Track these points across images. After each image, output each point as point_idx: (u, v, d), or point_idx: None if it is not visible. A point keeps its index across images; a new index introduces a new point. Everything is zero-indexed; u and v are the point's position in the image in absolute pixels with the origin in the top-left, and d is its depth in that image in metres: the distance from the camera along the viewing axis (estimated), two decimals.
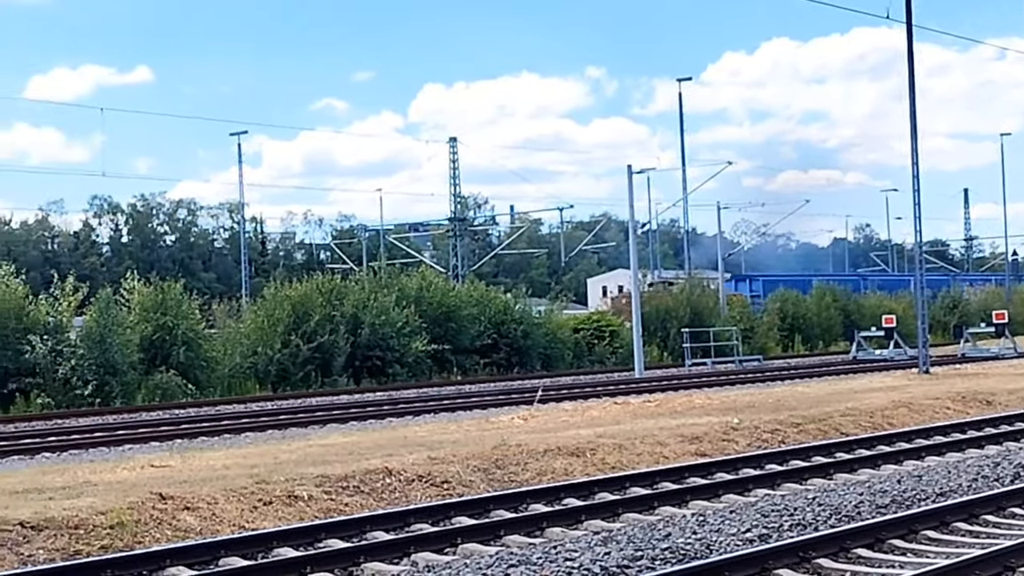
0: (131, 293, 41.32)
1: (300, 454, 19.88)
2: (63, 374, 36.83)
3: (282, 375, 42.83)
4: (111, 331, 37.78)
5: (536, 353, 51.56)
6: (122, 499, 15.05)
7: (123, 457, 22.02)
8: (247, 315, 46.00)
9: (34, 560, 12.93)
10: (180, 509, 14.95)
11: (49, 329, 37.80)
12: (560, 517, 14.59)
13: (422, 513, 14.78)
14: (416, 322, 46.15)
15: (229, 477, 17.00)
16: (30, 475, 18.44)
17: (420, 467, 17.95)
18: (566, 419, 25.30)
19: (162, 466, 18.85)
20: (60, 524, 13.89)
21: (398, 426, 27.23)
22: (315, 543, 13.40)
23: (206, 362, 41.04)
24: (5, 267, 40.12)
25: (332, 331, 43.57)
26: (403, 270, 58.31)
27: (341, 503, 16.05)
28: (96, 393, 36.87)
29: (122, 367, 37.73)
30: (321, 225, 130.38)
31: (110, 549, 13.33)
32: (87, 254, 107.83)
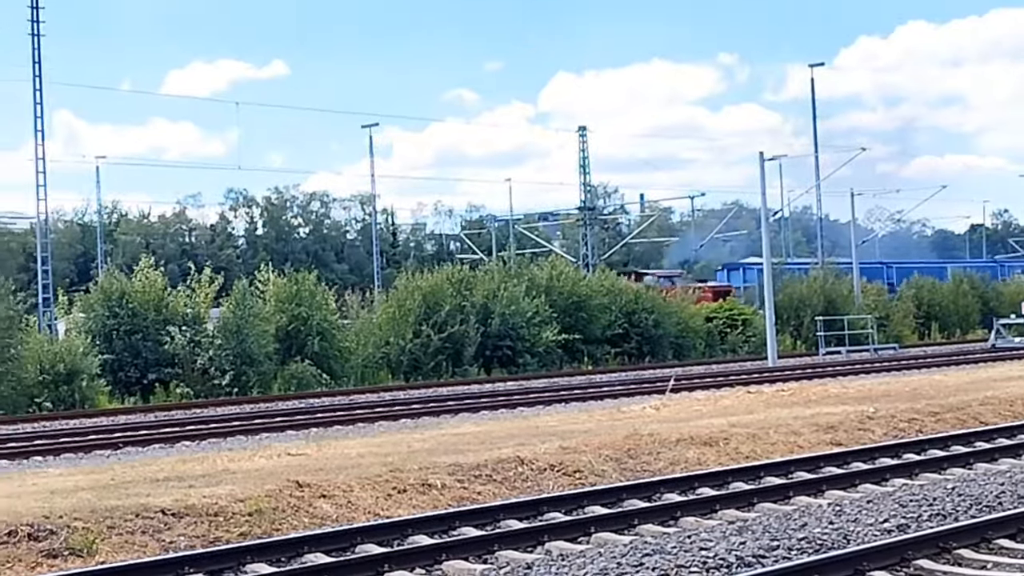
0: (266, 284, 41.98)
1: (433, 443, 20.00)
2: (201, 364, 37.52)
3: (414, 365, 43.14)
4: (247, 322, 38.39)
5: (667, 342, 51.29)
6: (260, 487, 15.28)
7: (260, 445, 22.36)
8: (379, 306, 46.41)
9: (175, 547, 13.17)
10: (316, 497, 15.13)
11: (187, 320, 38.57)
12: (694, 506, 14.51)
13: (555, 502, 14.79)
14: (546, 312, 46.17)
15: (364, 465, 17.17)
16: (171, 463, 18.81)
17: (552, 456, 17.95)
18: (698, 408, 25.13)
19: (298, 454, 19.10)
20: (200, 511, 14.15)
21: (529, 415, 27.30)
22: (449, 531, 13.48)
23: (340, 352, 41.48)
24: (145, 260, 41.03)
25: (462, 321, 43.76)
26: (533, 260, 58.42)
27: (474, 491, 16.12)
28: (233, 383, 37.51)
29: (258, 357, 38.33)
30: (451, 216, 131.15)
31: (249, 536, 13.54)
32: (223, 246, 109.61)
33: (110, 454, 22.86)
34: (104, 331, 37.72)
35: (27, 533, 12.94)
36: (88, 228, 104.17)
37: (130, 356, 37.76)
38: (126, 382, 37.71)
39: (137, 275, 39.58)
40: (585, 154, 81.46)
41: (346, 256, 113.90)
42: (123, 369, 37.62)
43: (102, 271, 51.09)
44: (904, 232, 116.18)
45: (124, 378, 37.65)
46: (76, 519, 13.41)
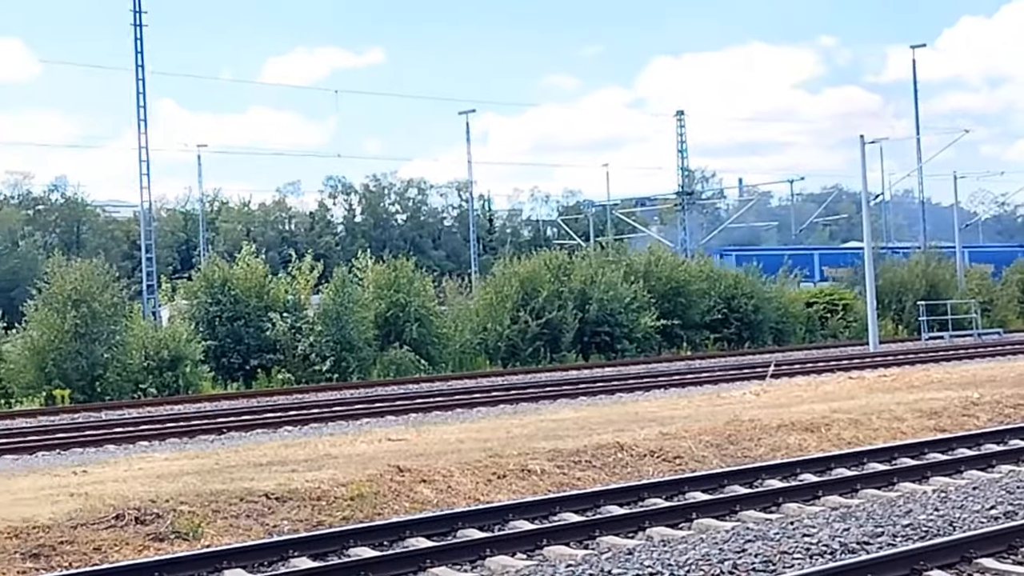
0: (365, 271, 42.28)
1: (532, 428, 20.03)
2: (302, 350, 37.89)
3: (511, 351, 43.21)
4: (347, 308, 38.68)
5: (767, 328, 50.89)
6: (361, 471, 15.40)
7: (361, 431, 22.53)
8: (477, 292, 46.54)
9: (279, 530, 13.32)
10: (417, 482, 15.22)
11: (288, 307, 38.96)
12: (796, 493, 14.38)
13: (656, 488, 14.74)
14: (644, 297, 46.01)
15: (463, 451, 17.24)
16: (273, 448, 19.02)
17: (651, 442, 17.91)
18: (799, 394, 24.93)
19: (398, 439, 19.23)
20: (303, 495, 14.30)
21: (628, 401, 27.24)
22: (550, 516, 13.49)
23: (438, 338, 41.65)
24: (246, 247, 41.52)
25: (560, 307, 43.74)
26: (630, 245, 58.23)
27: (573, 477, 16.12)
28: (333, 369, 37.83)
29: (358, 343, 38.62)
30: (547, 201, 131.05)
31: (351, 520, 13.65)
32: (322, 234, 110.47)
33: (214, 439, 23.16)
34: (207, 318, 38.22)
35: (134, 517, 13.15)
36: (190, 216, 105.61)
37: (232, 342, 38.23)
38: (229, 368, 38.21)
39: (239, 262, 40.07)
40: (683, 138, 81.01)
41: (443, 243, 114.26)
42: (226, 355, 38.11)
43: (204, 259, 51.75)
44: (1008, 215, 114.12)
45: (227, 364, 38.14)
46: (182, 503, 13.61)
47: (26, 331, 34.79)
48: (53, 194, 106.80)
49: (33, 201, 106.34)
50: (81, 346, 33.47)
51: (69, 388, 33.05)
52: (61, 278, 34.47)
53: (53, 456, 21.30)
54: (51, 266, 36.01)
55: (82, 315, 33.57)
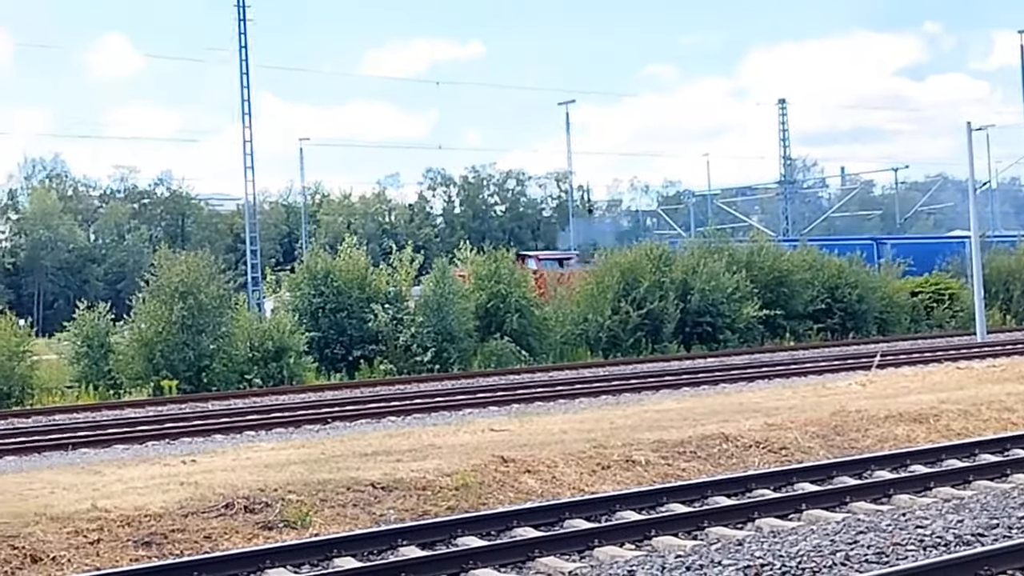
0: (465, 263, 42.41)
1: (635, 419, 19.95)
2: (404, 341, 38.06)
3: (613, 342, 43.06)
4: (447, 300, 38.79)
5: (872, 318, 50.25)
6: (465, 461, 15.45)
7: (464, 421, 22.59)
8: (577, 283, 46.45)
9: (385, 519, 13.39)
10: (521, 472, 15.24)
11: (390, 298, 39.17)
12: (907, 484, 14.19)
13: (763, 479, 14.63)
14: (747, 287, 45.65)
15: (567, 441, 17.22)
16: (378, 438, 19.13)
17: (757, 433, 17.77)
18: (906, 384, 24.58)
19: (501, 430, 19.25)
20: (408, 485, 14.37)
21: (731, 392, 27.05)
22: (656, 507, 13.43)
23: (538, 329, 41.62)
24: (348, 239, 41.82)
25: (661, 297, 43.52)
26: (731, 234, 57.80)
27: (678, 468, 16.04)
28: (435, 360, 37.96)
29: (459, 334, 38.72)
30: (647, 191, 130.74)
31: (456, 510, 13.69)
32: (422, 225, 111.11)
33: (319, 429, 23.35)
34: (310, 309, 38.53)
35: (243, 506, 13.30)
36: (292, 209, 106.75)
37: (335, 333, 38.51)
38: (332, 359, 38.50)
39: (341, 254, 40.36)
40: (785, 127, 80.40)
41: (542, 233, 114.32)
42: (329, 346, 38.40)
43: (306, 251, 52.23)
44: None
45: (330, 355, 38.43)
46: (290, 492, 13.75)
47: (134, 323, 35.29)
48: (158, 188, 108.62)
49: (139, 195, 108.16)
50: (188, 337, 33.91)
51: (176, 379, 33.49)
52: (168, 270, 34.94)
53: (163, 445, 21.59)
54: (157, 259, 36.52)
55: (189, 307, 34.01)
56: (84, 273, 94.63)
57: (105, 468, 16.75)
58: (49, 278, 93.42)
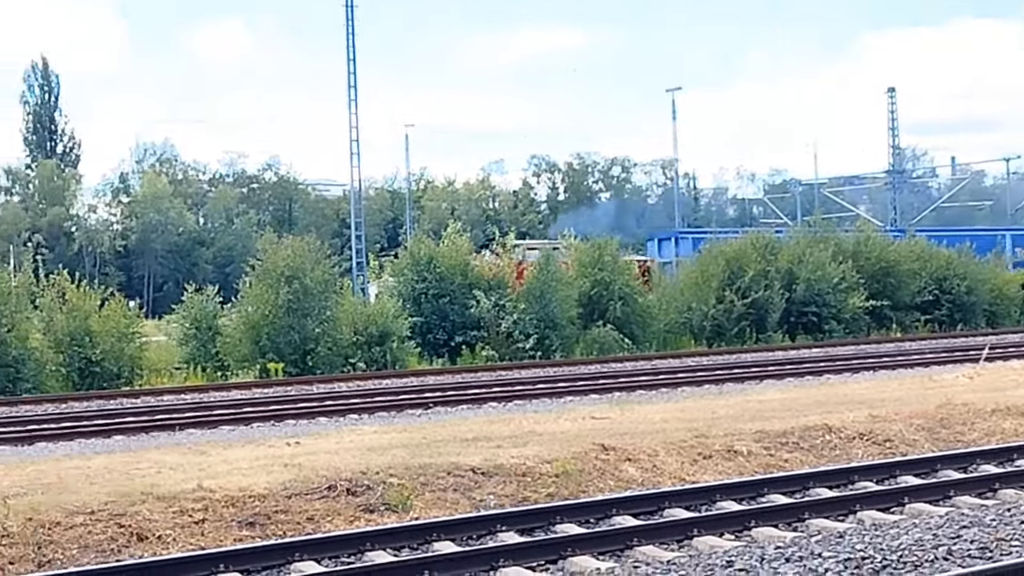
0: (568, 250, 42.40)
1: (737, 409, 19.84)
2: (506, 328, 38.14)
3: (716, 331, 42.82)
4: (550, 287, 38.81)
5: (980, 310, 49.44)
6: (566, 449, 15.47)
7: (564, 408, 22.59)
8: (681, 271, 46.25)
9: (485, 505, 13.46)
10: (622, 460, 15.22)
11: (492, 284, 39.27)
12: (1014, 479, 13.97)
13: (866, 471, 14.48)
14: (853, 277, 45.13)
15: (668, 430, 17.18)
16: (479, 424, 19.21)
17: (860, 425, 17.59)
18: (1015, 378, 24.18)
19: (602, 418, 19.24)
20: (508, 471, 14.42)
21: (836, 383, 26.78)
22: (757, 497, 13.36)
23: (641, 317, 41.50)
24: (452, 225, 41.99)
25: (766, 287, 43.17)
26: (838, 224, 57.18)
27: (780, 459, 15.94)
28: (537, 347, 38.00)
29: (561, 322, 38.72)
30: (753, 180, 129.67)
31: (556, 496, 13.72)
32: (525, 212, 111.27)
33: (421, 413, 23.50)
34: (413, 295, 38.74)
35: (345, 488, 13.44)
36: (397, 195, 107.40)
37: (438, 319, 38.69)
38: (434, 344, 38.71)
39: (444, 240, 40.54)
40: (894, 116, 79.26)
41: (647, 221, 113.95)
42: (431, 332, 38.59)
43: (410, 236, 52.53)
44: None
45: (432, 340, 38.64)
46: (391, 475, 13.85)
47: (241, 306, 35.75)
48: (266, 173, 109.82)
49: (247, 180, 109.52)
50: (293, 321, 34.27)
51: (282, 361, 33.88)
52: (274, 255, 35.35)
53: (268, 427, 21.84)
54: (263, 243, 36.95)
55: (294, 291, 34.38)
56: (193, 256, 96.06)
57: (211, 449, 17.01)
58: (159, 261, 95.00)
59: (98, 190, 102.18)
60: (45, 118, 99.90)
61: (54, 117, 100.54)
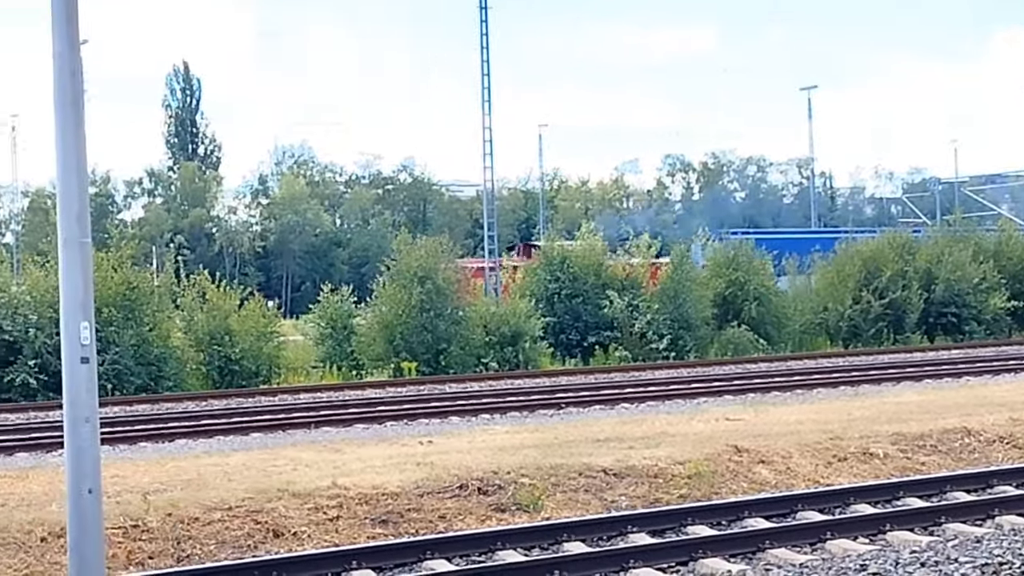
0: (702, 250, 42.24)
1: (873, 411, 19.58)
2: (639, 328, 38.04)
3: (853, 332, 42.26)
4: (685, 287, 38.64)
5: None
6: (698, 450, 15.39)
7: (698, 409, 22.46)
8: (816, 271, 45.70)
9: (616, 506, 13.45)
10: (755, 462, 15.11)
11: (625, 285, 39.21)
12: None
13: (1006, 475, 14.20)
14: (994, 278, 44.20)
15: (802, 432, 17.01)
16: (611, 425, 19.20)
17: (1001, 428, 17.26)
18: None
19: (736, 419, 19.11)
20: (640, 472, 14.39)
21: (976, 385, 26.24)
22: (892, 501, 13.17)
23: (777, 318, 41.13)
24: (585, 225, 42.03)
25: (904, 287, 42.50)
26: (979, 223, 56.05)
27: (917, 462, 15.70)
28: (670, 347, 37.85)
29: (695, 322, 38.53)
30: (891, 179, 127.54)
31: (688, 498, 13.66)
32: (659, 212, 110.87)
33: (553, 414, 23.51)
34: (546, 295, 38.84)
35: (477, 487, 13.53)
36: (530, 195, 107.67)
37: (571, 319, 38.75)
38: (567, 344, 38.77)
39: (578, 240, 40.56)
40: None
41: (782, 221, 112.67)
42: (564, 332, 38.66)
43: (543, 236, 52.62)
44: None
45: (565, 340, 38.70)
46: (522, 475, 13.91)
47: (375, 306, 36.14)
48: (401, 174, 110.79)
49: (383, 181, 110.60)
50: (426, 321, 34.57)
51: (415, 361, 34.19)
52: (407, 255, 35.67)
53: (401, 426, 22.02)
54: (397, 243, 37.32)
55: (427, 291, 34.66)
56: (329, 257, 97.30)
57: (345, 447, 17.23)
58: (296, 261, 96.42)
59: (238, 192, 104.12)
60: (187, 121, 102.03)
61: (195, 120, 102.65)
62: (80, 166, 10.27)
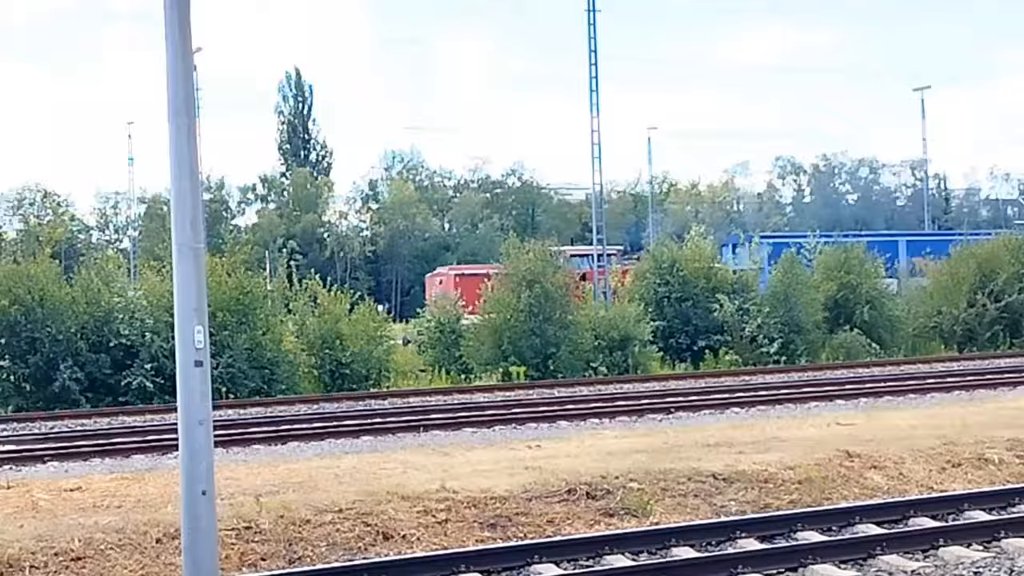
0: (814, 252, 41.82)
1: (989, 416, 19.27)
2: (749, 332, 37.80)
3: (968, 335, 41.59)
4: (795, 290, 38.32)
5: None
6: (809, 455, 15.26)
7: (809, 414, 22.27)
8: (930, 274, 45.05)
9: (726, 511, 13.37)
10: (867, 467, 14.95)
11: (735, 288, 38.98)
12: None
13: None
14: None
15: (915, 437, 16.79)
16: (720, 429, 19.09)
17: None
18: None
19: (847, 424, 18.92)
20: (750, 477, 14.29)
21: None
22: (1008, 507, 12.95)
23: (889, 321, 40.61)
24: (695, 228, 41.87)
25: (1021, 290, 41.71)
26: None
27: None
28: (781, 351, 37.55)
29: (806, 326, 38.17)
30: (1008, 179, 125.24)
31: (798, 504, 13.54)
32: (770, 214, 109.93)
33: (662, 418, 23.42)
34: (655, 298, 38.73)
35: (585, 492, 13.53)
36: (639, 198, 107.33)
37: (680, 323, 38.62)
38: (676, 348, 38.63)
39: (687, 243, 40.40)
40: None
41: (895, 223, 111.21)
42: (673, 336, 38.53)
43: (652, 240, 52.47)
44: None
45: (674, 345, 38.57)
46: (631, 480, 13.89)
47: (484, 310, 36.29)
48: (510, 178, 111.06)
49: (491, 185, 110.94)
50: (535, 325, 34.63)
51: (524, 365, 34.28)
52: (515, 259, 35.75)
53: (509, 430, 22.05)
54: (506, 248, 37.42)
55: (536, 295, 34.71)
56: (439, 261, 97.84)
57: (454, 450, 17.32)
58: (406, 265, 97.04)
59: (348, 197, 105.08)
60: (299, 127, 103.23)
61: (307, 126, 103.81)
62: (193, 172, 10.45)
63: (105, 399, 30.00)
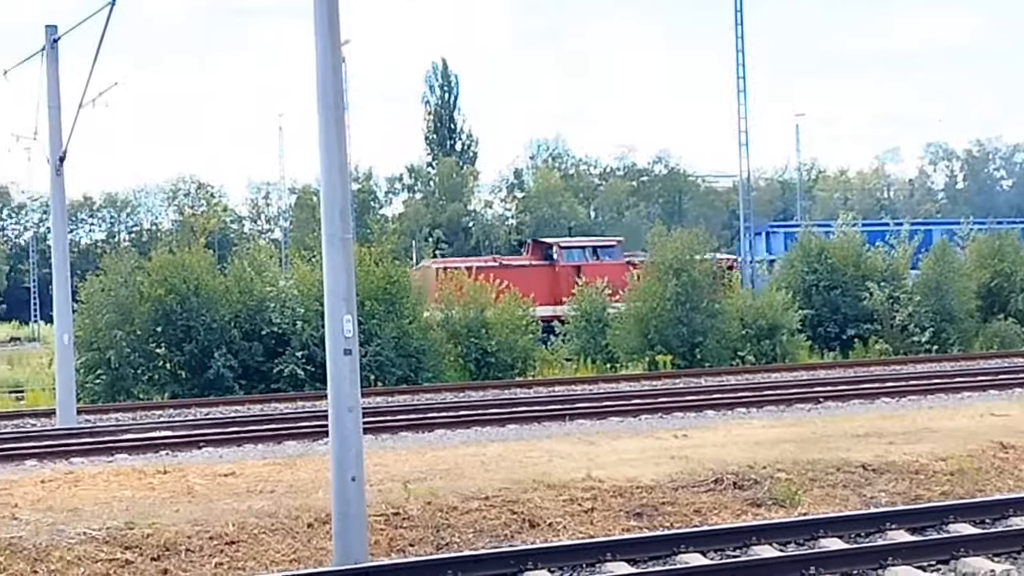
0: (967, 240, 41.07)
1: None
2: (900, 321, 37.19)
3: None
4: (948, 278, 37.61)
5: None
6: (961, 446, 15.00)
7: (961, 404, 21.84)
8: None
9: (875, 502, 13.20)
10: (1022, 459, 14.64)
11: (886, 276, 38.38)
12: None
13: None
14: None
15: None
16: (870, 420, 18.83)
17: None
18: None
19: (1002, 415, 18.54)
20: (900, 468, 14.10)
21: None
22: None
23: None
24: (843, 215, 41.31)
25: None
26: None
27: None
28: (933, 340, 36.89)
29: (959, 314, 37.44)
30: None
31: (950, 495, 13.32)
32: (922, 201, 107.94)
33: (810, 408, 23.14)
34: (804, 287, 38.31)
35: (732, 481, 13.46)
36: (788, 185, 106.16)
37: (829, 312, 38.16)
38: (825, 337, 38.18)
39: (836, 231, 39.89)
40: None
41: None
42: (822, 324, 38.09)
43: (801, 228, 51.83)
44: None
45: (823, 333, 38.12)
46: (779, 470, 13.78)
47: (630, 299, 36.18)
48: (656, 165, 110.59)
49: (637, 173, 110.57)
50: (682, 314, 34.46)
51: (671, 354, 34.13)
52: (662, 247, 35.60)
53: (655, 419, 21.98)
54: (652, 236, 37.28)
55: (683, 283, 34.53)
56: None
57: (599, 439, 17.34)
58: None
59: (494, 186, 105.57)
60: (445, 117, 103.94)
61: (453, 116, 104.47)
62: (342, 165, 10.61)
63: (258, 386, 30.63)
